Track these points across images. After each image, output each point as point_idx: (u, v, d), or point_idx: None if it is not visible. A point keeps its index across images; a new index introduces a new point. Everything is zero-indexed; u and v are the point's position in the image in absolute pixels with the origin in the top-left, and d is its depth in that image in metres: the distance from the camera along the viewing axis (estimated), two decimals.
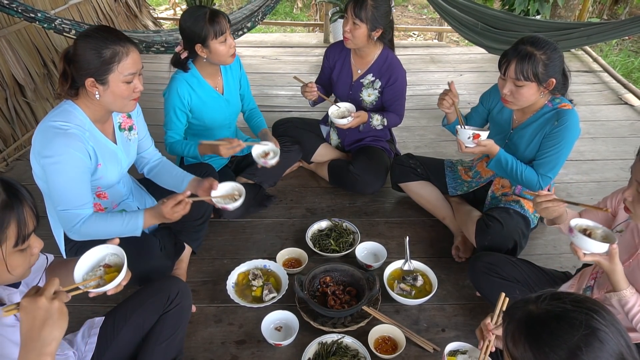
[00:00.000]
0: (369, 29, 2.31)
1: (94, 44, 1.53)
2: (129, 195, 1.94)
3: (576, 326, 0.86)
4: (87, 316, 1.54)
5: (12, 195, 1.00)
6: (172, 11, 6.69)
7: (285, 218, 2.51)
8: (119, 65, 1.56)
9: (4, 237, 0.98)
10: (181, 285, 1.62)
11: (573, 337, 0.85)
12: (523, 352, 0.89)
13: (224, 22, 2.10)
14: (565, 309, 0.88)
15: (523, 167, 1.97)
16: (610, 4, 6.97)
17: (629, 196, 1.36)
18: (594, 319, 0.86)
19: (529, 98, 1.87)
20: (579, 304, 0.89)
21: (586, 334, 0.85)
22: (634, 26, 3.03)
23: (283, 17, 7.32)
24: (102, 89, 1.58)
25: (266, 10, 3.66)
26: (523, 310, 0.93)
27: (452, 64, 4.50)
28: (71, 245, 1.81)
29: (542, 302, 0.92)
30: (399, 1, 8.02)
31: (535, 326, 0.89)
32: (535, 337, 0.88)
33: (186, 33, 2.11)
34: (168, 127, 2.28)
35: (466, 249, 2.23)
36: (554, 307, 0.89)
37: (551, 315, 0.89)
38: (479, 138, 1.90)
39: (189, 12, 2.12)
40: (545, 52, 1.79)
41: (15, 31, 3.15)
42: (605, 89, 3.98)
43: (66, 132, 1.55)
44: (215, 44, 2.10)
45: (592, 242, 1.39)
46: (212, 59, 2.17)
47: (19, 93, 3.14)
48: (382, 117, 2.52)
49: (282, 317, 1.88)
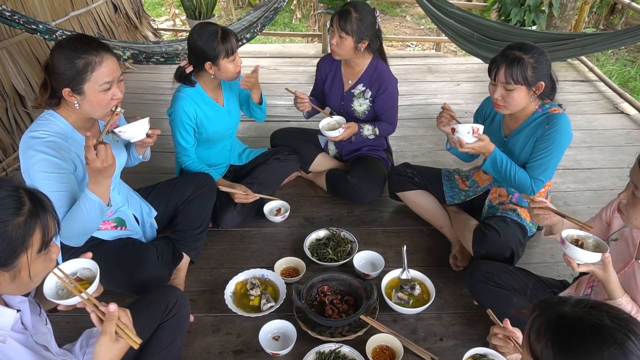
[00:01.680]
0: (355, 41, 2.34)
1: (67, 54, 1.54)
2: (124, 203, 1.94)
3: (609, 343, 0.83)
4: (85, 326, 1.54)
5: (37, 203, 1.05)
6: (171, 22, 6.76)
7: (283, 227, 2.52)
8: (93, 75, 1.56)
9: (30, 243, 1.03)
10: (179, 295, 1.62)
11: (602, 353, 0.83)
12: (544, 349, 0.88)
13: (234, 42, 2.14)
14: (602, 322, 0.86)
15: (517, 169, 1.99)
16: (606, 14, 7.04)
17: (624, 198, 1.37)
18: (630, 340, 0.83)
19: (520, 101, 1.90)
20: (619, 322, 0.86)
21: (616, 353, 0.82)
22: (628, 37, 3.06)
23: (282, 28, 7.39)
24: (80, 98, 1.58)
25: (265, 22, 3.70)
26: (556, 309, 0.91)
27: (449, 73, 4.54)
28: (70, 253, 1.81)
29: (580, 307, 0.90)
30: (397, 12, 8.10)
31: (565, 329, 0.88)
32: (561, 339, 0.87)
33: (196, 51, 2.12)
34: (179, 149, 2.34)
35: (464, 257, 2.24)
36: (591, 317, 0.87)
37: (585, 324, 0.86)
38: (479, 131, 1.92)
39: (199, 30, 2.13)
40: (532, 56, 1.84)
41: (16, 42, 3.18)
42: (602, 98, 4.01)
43: (45, 141, 1.56)
44: (226, 63, 2.14)
45: (584, 253, 1.41)
46: (219, 76, 2.21)
47: (19, 103, 3.16)
48: (373, 127, 2.55)
49: (280, 326, 1.88)
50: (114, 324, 1.10)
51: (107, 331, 1.09)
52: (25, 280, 1.06)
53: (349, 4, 2.33)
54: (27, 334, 1.15)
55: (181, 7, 5.17)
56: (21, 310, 1.14)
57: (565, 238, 1.46)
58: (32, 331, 1.16)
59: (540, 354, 0.89)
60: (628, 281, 1.47)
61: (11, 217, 1.00)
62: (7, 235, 0.99)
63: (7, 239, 0.99)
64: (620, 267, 1.50)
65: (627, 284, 1.47)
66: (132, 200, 2.01)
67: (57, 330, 1.34)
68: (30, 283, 1.09)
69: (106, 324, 1.10)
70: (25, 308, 1.16)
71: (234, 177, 2.62)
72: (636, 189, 1.31)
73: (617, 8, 6.99)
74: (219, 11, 7.50)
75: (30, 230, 1.02)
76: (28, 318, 1.16)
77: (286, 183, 2.83)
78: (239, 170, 2.65)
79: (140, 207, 2.04)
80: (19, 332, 1.12)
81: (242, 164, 2.65)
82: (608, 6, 6.90)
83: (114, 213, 1.89)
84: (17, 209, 1.01)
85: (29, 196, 1.04)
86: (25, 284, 1.08)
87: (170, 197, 2.15)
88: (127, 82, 4.24)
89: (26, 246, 1.02)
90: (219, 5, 7.48)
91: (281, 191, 2.77)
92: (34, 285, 1.11)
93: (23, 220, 1.01)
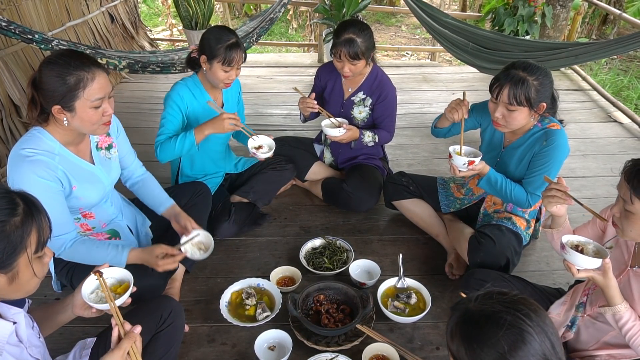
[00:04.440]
0: (365, 60, 2.39)
1: (57, 70, 1.50)
2: (118, 214, 1.93)
3: (502, 325, 0.91)
4: (79, 337, 1.53)
5: (30, 204, 1.06)
6: (168, 32, 6.79)
7: (279, 236, 2.51)
8: (85, 92, 1.53)
9: (28, 243, 1.03)
10: (174, 305, 1.61)
11: (497, 336, 0.90)
12: (458, 347, 0.96)
13: (237, 57, 2.14)
14: (494, 308, 0.94)
15: (512, 186, 2.00)
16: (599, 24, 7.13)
17: (616, 212, 1.38)
18: (520, 319, 0.91)
19: (521, 121, 1.91)
20: (507, 305, 0.94)
21: (510, 333, 0.90)
22: (620, 46, 3.10)
23: (278, 38, 7.44)
24: (70, 115, 1.55)
25: (261, 32, 3.72)
26: (462, 308, 0.99)
27: (444, 82, 4.57)
28: (61, 267, 1.80)
29: (478, 300, 0.98)
30: (393, 22, 8.17)
31: (468, 323, 0.96)
32: (467, 334, 0.95)
33: (202, 41, 2.17)
34: (161, 129, 2.23)
35: (459, 266, 2.24)
36: (486, 306, 0.95)
37: (482, 314, 0.95)
38: (474, 164, 1.93)
39: (217, 28, 2.19)
40: (537, 78, 1.83)
41: (12, 52, 3.18)
42: (595, 107, 4.05)
43: (32, 160, 1.54)
44: (218, 67, 2.14)
45: (585, 258, 1.40)
46: (208, 76, 2.22)
47: (15, 113, 3.16)
48: (374, 134, 2.56)
49: (276, 336, 1.87)
50: (131, 344, 1.14)
51: (123, 348, 1.13)
52: (23, 282, 1.06)
53: (349, 30, 2.33)
54: (22, 347, 1.13)
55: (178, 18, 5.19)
56: (17, 322, 1.13)
57: (565, 243, 1.45)
58: (27, 344, 1.15)
59: (457, 352, 0.96)
60: (624, 289, 1.47)
61: (7, 217, 1.00)
62: (5, 234, 0.99)
63: (5, 238, 1.00)
64: (615, 275, 1.51)
65: (622, 292, 1.47)
66: (126, 210, 2.00)
67: (50, 342, 1.33)
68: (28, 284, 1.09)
69: (125, 341, 1.14)
70: (20, 320, 1.14)
71: (229, 186, 2.62)
72: (625, 203, 1.33)
73: (609, 18, 7.08)
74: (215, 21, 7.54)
75: (27, 229, 1.03)
76: (23, 330, 1.15)
77: (282, 192, 2.82)
78: (234, 179, 2.65)
79: (135, 217, 2.03)
80: (13, 344, 1.11)
81: (238, 172, 2.65)
82: (600, 17, 6.99)
83: (107, 225, 1.88)
84: (12, 209, 1.01)
85: (20, 198, 1.05)
86: (22, 287, 1.08)
87: None
88: (124, 91, 4.25)
89: (25, 245, 1.02)
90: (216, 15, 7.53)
91: (277, 200, 2.77)
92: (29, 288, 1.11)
93: (20, 220, 1.02)
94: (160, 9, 7.94)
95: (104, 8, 4.39)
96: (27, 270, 1.06)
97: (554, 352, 0.91)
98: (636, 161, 1.36)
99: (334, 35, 2.39)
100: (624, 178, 1.35)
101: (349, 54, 2.33)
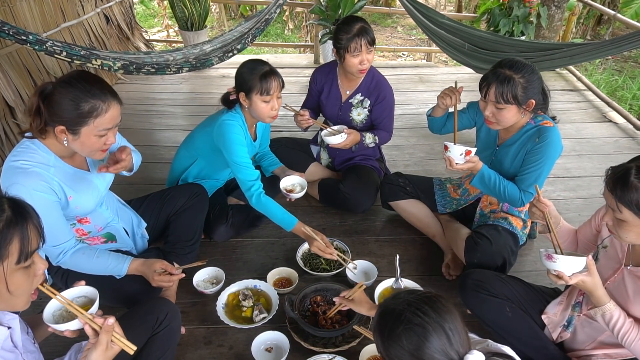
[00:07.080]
0: None
1: (73, 94, 1.48)
2: (114, 217, 1.92)
3: (401, 321, 1.05)
4: (74, 340, 1.51)
5: (17, 213, 1.01)
6: (164, 33, 6.77)
7: (275, 237, 2.50)
8: (96, 121, 1.51)
9: (6, 253, 0.98)
10: (170, 307, 1.61)
11: (398, 330, 1.05)
12: (377, 340, 1.11)
13: (274, 85, 2.08)
14: (398, 307, 1.08)
15: (506, 183, 2.00)
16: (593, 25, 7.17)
17: (609, 221, 1.38)
18: (418, 316, 1.04)
19: (511, 119, 1.92)
20: (410, 303, 1.08)
21: (408, 329, 1.04)
22: (615, 47, 3.11)
23: (274, 39, 7.43)
24: (72, 137, 1.53)
25: (256, 33, 3.71)
26: (381, 306, 1.15)
27: (440, 83, 4.58)
28: (56, 269, 1.79)
29: (392, 299, 1.14)
30: (389, 23, 8.18)
31: (382, 319, 1.11)
32: (380, 328, 1.10)
33: (237, 78, 2.12)
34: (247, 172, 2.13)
35: (456, 266, 2.24)
36: (394, 304, 1.10)
37: (389, 310, 1.10)
38: (470, 154, 1.93)
39: (249, 62, 2.14)
40: (523, 76, 1.84)
41: (6, 54, 3.16)
42: (590, 107, 4.06)
43: (26, 172, 1.52)
44: (257, 99, 2.08)
45: (572, 260, 1.40)
46: (251, 112, 2.16)
47: (9, 115, 3.14)
48: (374, 135, 2.56)
49: (273, 337, 1.87)
50: (109, 336, 1.13)
51: (104, 342, 1.12)
52: (3, 293, 1.01)
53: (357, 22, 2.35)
54: (17, 353, 1.12)
55: (174, 19, 5.18)
56: (12, 327, 1.12)
57: (551, 253, 1.44)
58: (22, 349, 1.14)
59: (377, 345, 1.11)
60: (618, 288, 1.48)
61: None
62: None
63: None
64: (609, 275, 1.51)
65: (617, 291, 1.47)
66: (122, 212, 1.99)
67: (45, 345, 1.32)
68: (11, 298, 1.03)
69: (102, 335, 1.12)
70: (15, 325, 1.13)
71: (226, 188, 2.61)
72: (614, 212, 1.33)
73: (604, 19, 7.11)
74: (211, 22, 7.53)
75: (6, 238, 0.97)
76: (18, 336, 1.13)
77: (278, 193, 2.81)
78: (230, 182, 2.63)
79: (131, 219, 2.02)
80: (8, 350, 1.09)
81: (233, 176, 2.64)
82: (595, 17, 7.03)
83: (103, 228, 1.87)
84: None
85: (10, 204, 1.01)
86: (6, 299, 1.03)
87: (162, 207, 2.14)
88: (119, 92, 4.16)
89: (1, 255, 0.97)
90: (212, 17, 7.52)
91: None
92: (17, 301, 1.06)
93: None
94: (156, 10, 7.92)
95: (99, 9, 4.37)
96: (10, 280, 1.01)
97: (450, 345, 1.03)
98: (615, 169, 1.35)
99: (341, 32, 2.35)
100: (607, 188, 1.35)
101: (369, 43, 2.34)
